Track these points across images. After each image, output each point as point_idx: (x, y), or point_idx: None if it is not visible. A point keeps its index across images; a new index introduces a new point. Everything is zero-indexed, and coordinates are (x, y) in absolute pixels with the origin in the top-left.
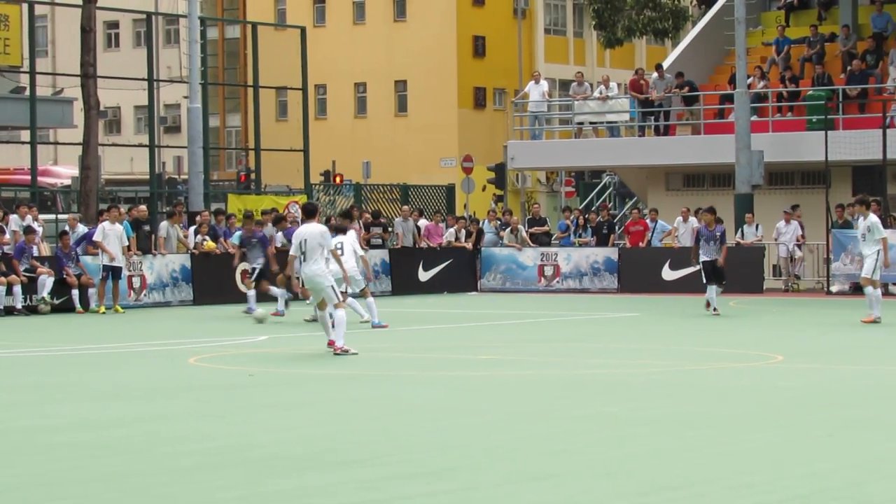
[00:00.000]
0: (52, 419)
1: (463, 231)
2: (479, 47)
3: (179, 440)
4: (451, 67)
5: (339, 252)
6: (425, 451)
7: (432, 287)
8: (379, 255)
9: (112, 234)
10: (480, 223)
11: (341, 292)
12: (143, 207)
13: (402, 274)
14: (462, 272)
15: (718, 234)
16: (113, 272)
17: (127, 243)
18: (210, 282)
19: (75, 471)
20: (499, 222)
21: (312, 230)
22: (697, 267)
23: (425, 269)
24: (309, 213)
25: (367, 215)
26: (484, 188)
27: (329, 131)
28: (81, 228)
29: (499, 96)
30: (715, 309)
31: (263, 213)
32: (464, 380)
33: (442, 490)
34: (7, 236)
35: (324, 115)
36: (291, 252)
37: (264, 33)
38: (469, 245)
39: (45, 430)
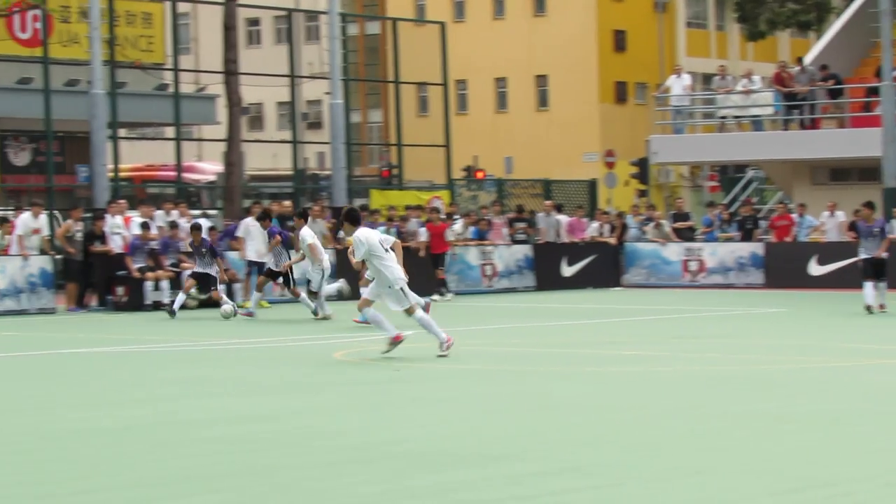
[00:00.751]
0: (202, 413)
1: (607, 226)
2: (619, 41)
3: (327, 435)
4: (592, 62)
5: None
6: (572, 446)
7: (576, 282)
8: (522, 251)
9: (255, 230)
10: (624, 218)
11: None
12: (287, 203)
13: (545, 269)
14: (606, 267)
15: (877, 228)
16: (258, 268)
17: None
18: (355, 276)
19: (226, 465)
20: (642, 217)
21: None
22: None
23: (569, 265)
24: (356, 219)
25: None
26: (627, 183)
27: (470, 126)
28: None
29: (640, 91)
30: (881, 306)
31: (407, 208)
32: (609, 376)
33: (589, 486)
34: (153, 232)
35: (465, 110)
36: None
37: (404, 29)
38: (613, 240)
39: (198, 425)
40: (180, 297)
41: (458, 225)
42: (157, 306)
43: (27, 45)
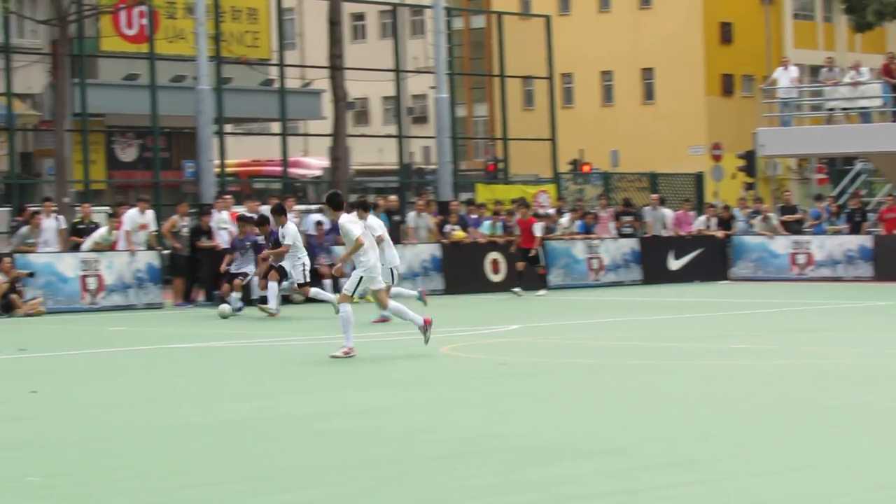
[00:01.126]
0: (309, 408)
1: (713, 219)
2: (726, 34)
3: (434, 429)
4: (699, 54)
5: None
6: (679, 441)
7: (682, 276)
8: (629, 245)
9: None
10: (731, 211)
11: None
12: (394, 197)
13: (651, 263)
14: (713, 261)
15: None
16: None
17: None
18: (461, 271)
19: (334, 458)
20: (750, 210)
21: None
22: None
23: (676, 258)
24: (338, 204)
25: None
26: (734, 176)
27: (576, 120)
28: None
29: (747, 83)
30: None
31: (513, 202)
32: (716, 369)
33: (696, 480)
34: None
35: (570, 103)
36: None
37: (509, 23)
38: (720, 233)
39: (305, 419)
40: (235, 297)
41: (566, 219)
42: (264, 301)
43: (133, 42)
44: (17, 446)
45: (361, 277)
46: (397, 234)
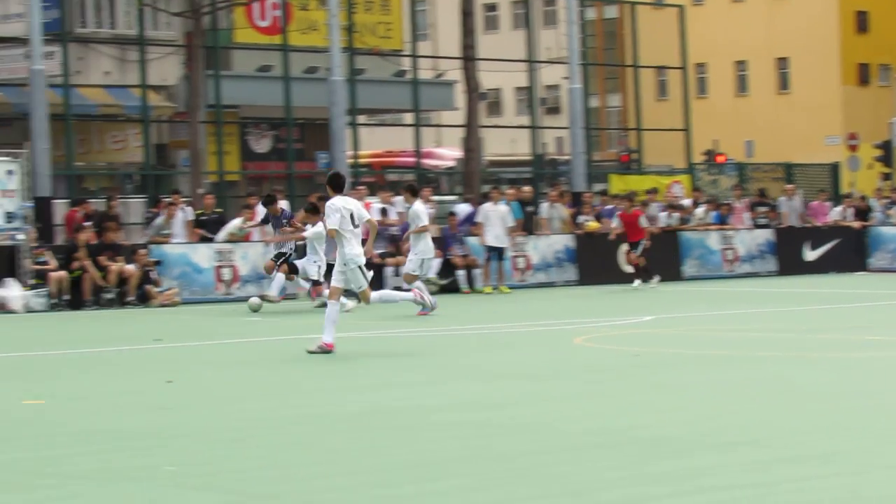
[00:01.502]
0: (443, 398)
1: (850, 210)
2: (861, 22)
3: (567, 420)
4: (834, 44)
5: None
6: (813, 433)
7: (818, 267)
8: (764, 235)
9: (494, 216)
10: (868, 201)
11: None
12: (528, 188)
13: (787, 254)
14: (849, 252)
15: None
16: (497, 253)
17: (512, 224)
18: (594, 262)
19: (466, 450)
20: (886, 200)
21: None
22: None
23: (812, 249)
24: (339, 185)
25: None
26: (870, 166)
27: (710, 110)
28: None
29: (883, 72)
30: None
31: (647, 192)
32: (852, 361)
33: (831, 473)
34: (393, 217)
35: (704, 94)
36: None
37: (643, 12)
38: (857, 224)
39: (438, 410)
40: (279, 280)
41: (701, 210)
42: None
43: (266, 33)
44: (154, 436)
45: (344, 268)
46: (531, 224)
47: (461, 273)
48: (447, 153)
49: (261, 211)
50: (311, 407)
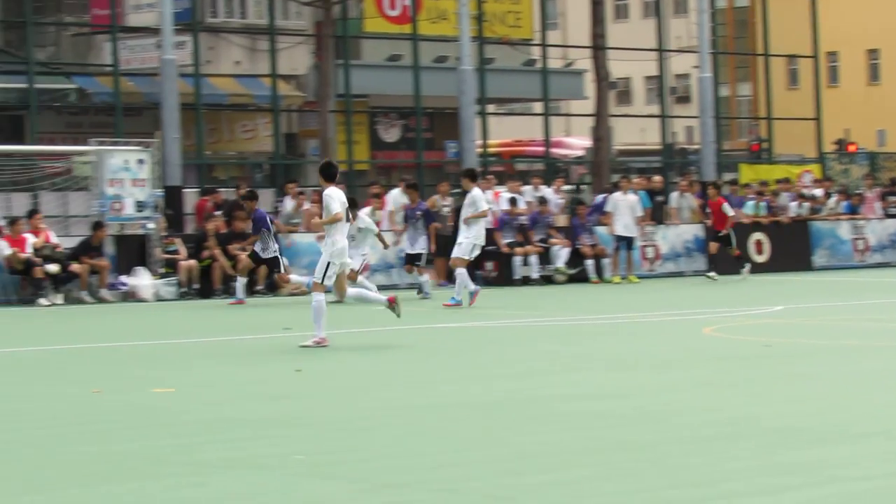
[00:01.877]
0: (571, 388)
1: None
2: None
3: (694, 410)
4: None
5: None
6: None
7: None
8: (895, 225)
9: (623, 205)
10: None
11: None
12: (658, 178)
13: None
14: None
15: None
16: (626, 242)
17: (641, 213)
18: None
19: (592, 440)
20: None
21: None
22: None
23: None
24: (331, 175)
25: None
26: None
27: (841, 99)
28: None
29: None
30: None
31: (778, 182)
32: None
33: None
34: (522, 207)
35: (835, 82)
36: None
37: (774, 1)
38: None
39: (564, 399)
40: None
41: (833, 200)
42: (525, 281)
43: (396, 23)
44: (282, 425)
45: (329, 262)
46: (660, 214)
47: (590, 263)
48: (576, 142)
49: (391, 200)
50: (439, 396)
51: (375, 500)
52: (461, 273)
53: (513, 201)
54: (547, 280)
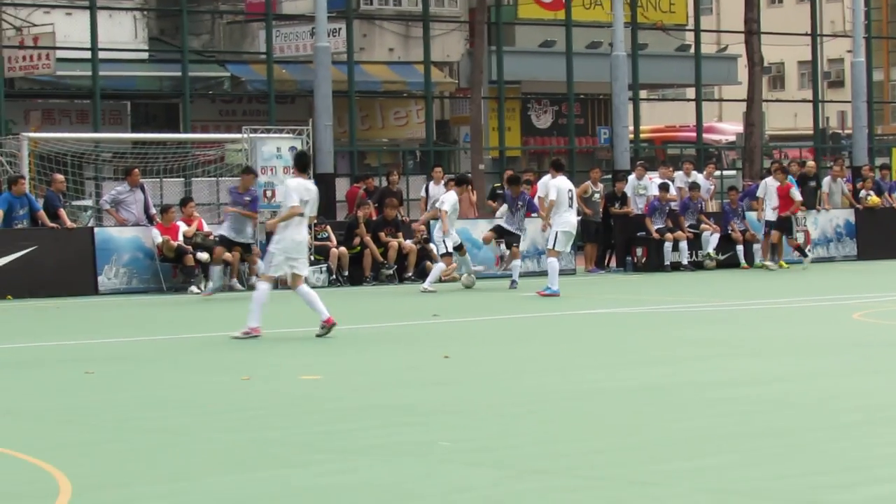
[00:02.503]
0: (718, 374)
1: None
2: None
3: (844, 396)
4: None
5: None
6: None
7: None
8: None
9: (774, 190)
10: None
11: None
12: (812, 163)
13: None
14: None
15: None
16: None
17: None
18: (875, 237)
19: (741, 425)
20: None
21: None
22: None
23: None
24: (303, 165)
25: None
26: None
27: None
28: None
29: None
30: None
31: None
32: None
33: None
34: (673, 193)
35: None
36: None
37: None
38: None
39: (713, 385)
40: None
41: None
42: (675, 267)
43: (550, 9)
44: (430, 411)
45: (275, 255)
46: (813, 199)
47: (740, 248)
48: (728, 128)
49: (542, 185)
50: (587, 383)
51: (520, 486)
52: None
53: (664, 187)
54: (697, 266)
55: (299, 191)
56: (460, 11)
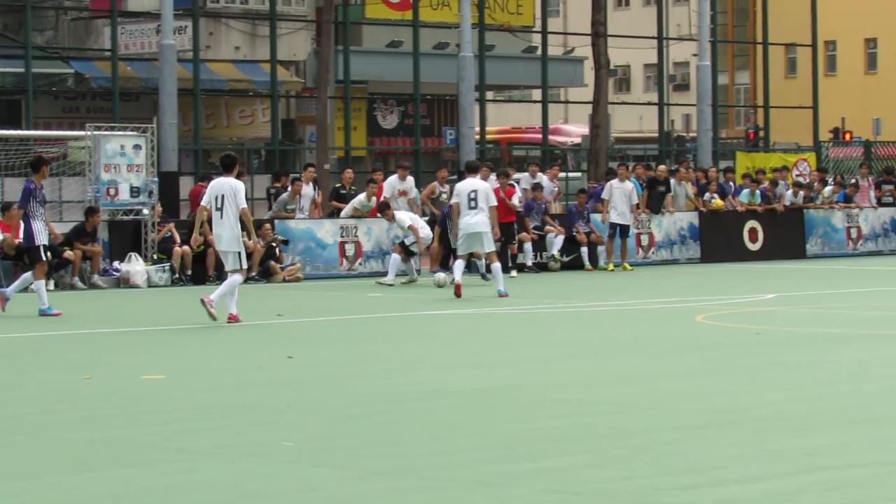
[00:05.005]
0: (560, 375)
1: None
2: None
3: (686, 398)
4: None
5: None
6: None
7: None
8: (889, 213)
9: (619, 193)
10: None
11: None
12: (663, 167)
13: None
14: None
15: None
16: (621, 230)
17: (636, 201)
18: (718, 239)
19: (583, 426)
20: None
21: (229, 184)
22: None
23: None
24: (227, 166)
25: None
26: None
27: (838, 88)
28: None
29: None
30: None
31: (775, 170)
32: None
33: None
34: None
35: (833, 71)
36: (203, 203)
37: None
38: None
39: (557, 386)
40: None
41: (828, 189)
42: (520, 269)
43: (397, 9)
44: (274, 411)
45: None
46: (662, 203)
47: (584, 250)
48: (574, 129)
49: (388, 186)
50: (431, 383)
51: (365, 487)
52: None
53: (536, 187)
54: (542, 267)
55: (212, 190)
56: (307, 10)
